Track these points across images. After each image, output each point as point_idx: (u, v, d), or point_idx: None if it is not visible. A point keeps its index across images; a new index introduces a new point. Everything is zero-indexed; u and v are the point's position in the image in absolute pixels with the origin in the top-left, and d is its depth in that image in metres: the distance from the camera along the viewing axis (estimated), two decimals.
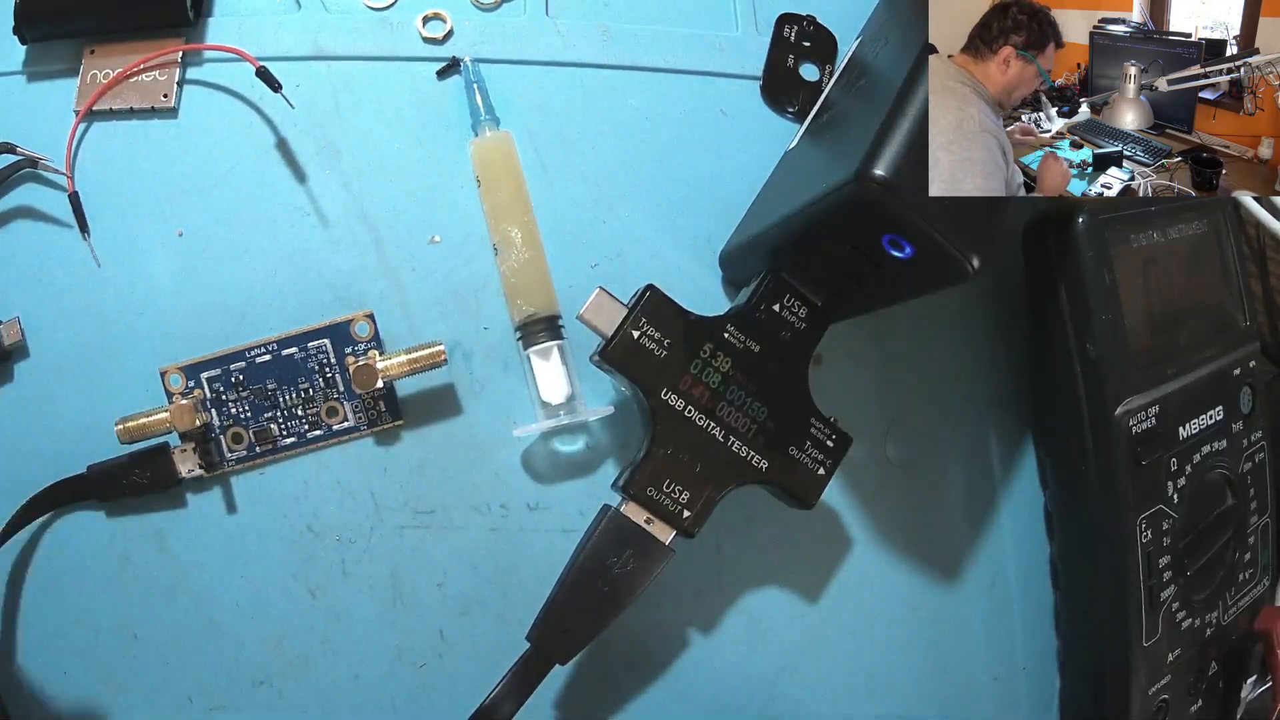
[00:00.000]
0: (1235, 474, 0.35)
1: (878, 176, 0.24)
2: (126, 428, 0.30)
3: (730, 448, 0.30)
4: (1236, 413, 0.36)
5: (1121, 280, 0.32)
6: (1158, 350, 0.33)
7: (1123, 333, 0.32)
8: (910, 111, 0.25)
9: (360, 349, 0.32)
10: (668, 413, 0.29)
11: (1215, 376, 0.35)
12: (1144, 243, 0.34)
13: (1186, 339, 0.35)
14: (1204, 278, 0.36)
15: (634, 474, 0.29)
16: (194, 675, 0.31)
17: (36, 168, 0.32)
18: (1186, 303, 0.35)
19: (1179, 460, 0.34)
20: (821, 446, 0.31)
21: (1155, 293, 0.34)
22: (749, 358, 0.30)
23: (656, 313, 0.30)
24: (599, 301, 0.29)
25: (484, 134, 0.34)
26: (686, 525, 0.29)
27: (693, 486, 0.29)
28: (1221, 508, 0.35)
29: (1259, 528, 0.37)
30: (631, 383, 0.29)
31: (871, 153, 0.24)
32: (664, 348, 0.29)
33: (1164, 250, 0.34)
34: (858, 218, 0.26)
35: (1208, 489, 0.35)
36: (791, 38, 0.37)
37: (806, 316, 0.31)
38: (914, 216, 0.24)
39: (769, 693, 0.34)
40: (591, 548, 0.29)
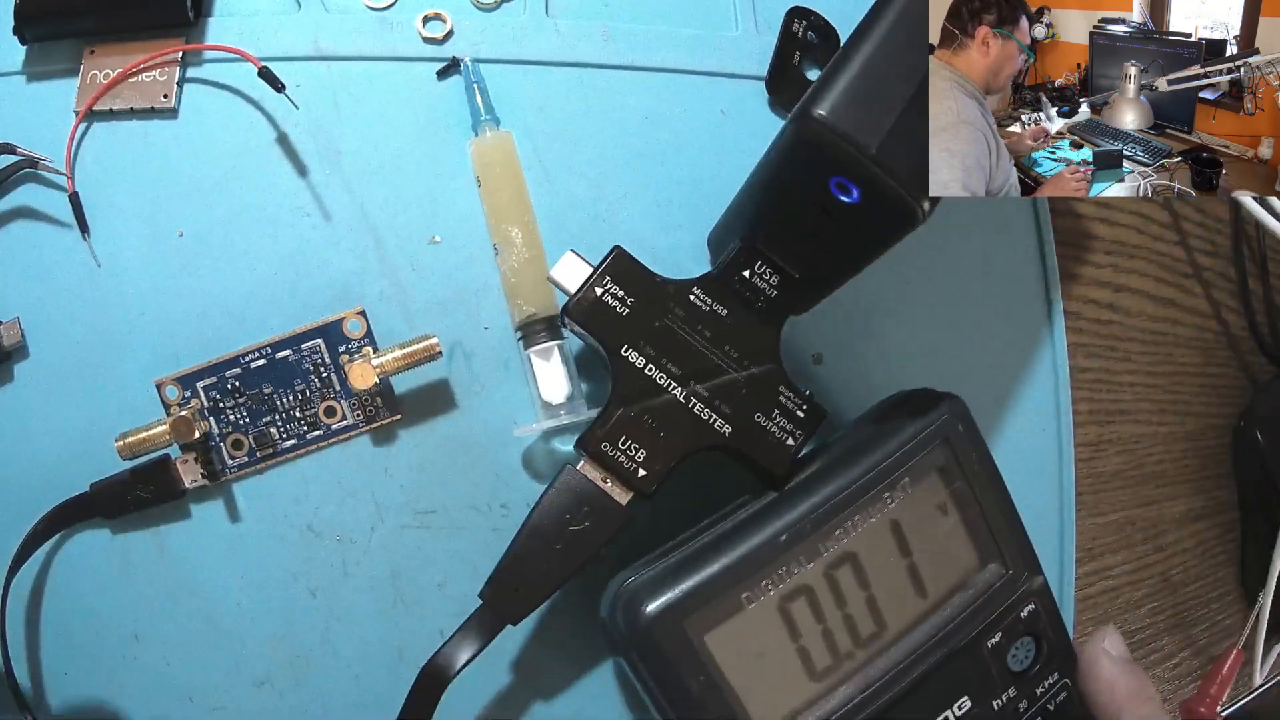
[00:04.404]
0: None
1: (818, 115, 0.24)
2: (127, 443, 0.30)
3: (692, 410, 0.30)
4: (1001, 684, 0.30)
5: (728, 662, 0.28)
6: (822, 702, 0.29)
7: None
8: (857, 56, 0.25)
9: (354, 346, 0.32)
10: (628, 371, 0.29)
11: (947, 672, 0.29)
12: (773, 589, 0.28)
13: (881, 657, 0.29)
14: (915, 557, 0.30)
15: (591, 431, 0.29)
16: (194, 675, 0.31)
17: (36, 168, 0.32)
18: (875, 612, 0.30)
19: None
20: (791, 416, 0.30)
21: (810, 633, 0.29)
22: (716, 322, 0.30)
23: (622, 272, 0.30)
24: (568, 261, 0.30)
25: (484, 134, 0.34)
26: (642, 484, 0.29)
27: (651, 447, 0.29)
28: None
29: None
30: (594, 339, 0.29)
31: (813, 95, 0.25)
32: (627, 306, 0.29)
33: (823, 568, 0.29)
34: (804, 162, 0.26)
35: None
36: (800, 33, 0.37)
37: (779, 285, 0.30)
38: (854, 153, 0.24)
39: None
40: (545, 504, 0.29)
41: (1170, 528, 0.46)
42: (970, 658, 0.30)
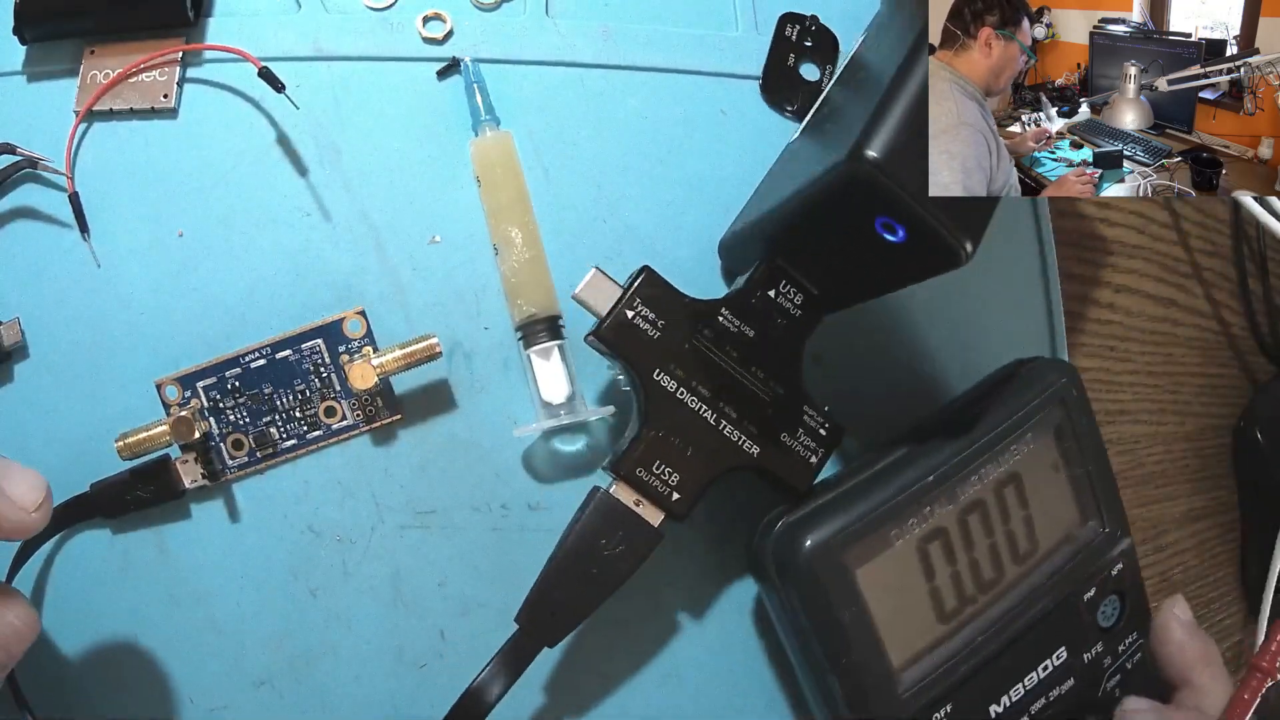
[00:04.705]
0: (1094, 701, 0.32)
1: (870, 158, 0.24)
2: (127, 443, 0.30)
3: (721, 431, 0.30)
4: (1091, 638, 0.32)
5: (874, 595, 0.29)
6: (948, 643, 0.30)
7: (877, 659, 0.29)
8: (904, 95, 0.25)
9: (354, 346, 0.32)
10: (660, 394, 0.29)
11: (1049, 621, 0.31)
12: (917, 528, 0.30)
13: (998, 602, 0.31)
14: (1031, 509, 0.32)
15: (624, 455, 0.29)
16: (195, 675, 0.31)
17: (36, 168, 0.32)
18: (997, 558, 0.32)
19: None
20: (814, 435, 0.31)
21: (942, 574, 0.31)
22: (743, 342, 0.30)
23: (652, 294, 0.30)
24: (594, 281, 0.29)
25: (484, 134, 0.34)
26: (676, 507, 0.29)
27: (683, 469, 0.29)
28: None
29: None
30: (624, 363, 0.29)
31: (865, 134, 0.24)
32: (658, 329, 0.29)
33: (957, 513, 0.31)
34: (851, 199, 0.26)
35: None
36: (793, 37, 0.37)
37: (802, 304, 0.31)
38: (906, 198, 0.24)
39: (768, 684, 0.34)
40: (580, 529, 0.29)
41: (1170, 528, 0.46)
42: (1068, 610, 0.32)
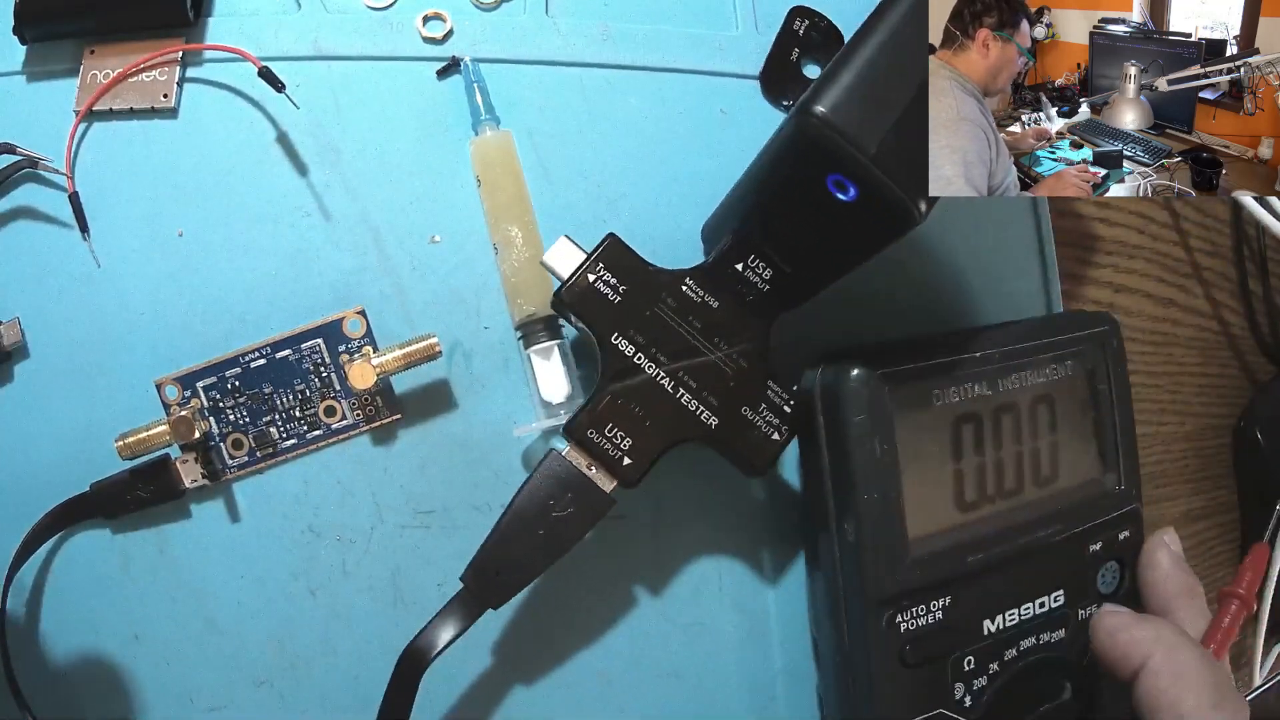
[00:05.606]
0: (1080, 664, 0.32)
1: (818, 112, 0.24)
2: (127, 443, 0.30)
3: (679, 400, 0.30)
4: (1087, 595, 0.32)
5: (905, 449, 0.29)
6: (960, 531, 0.31)
7: (895, 515, 0.29)
8: (860, 55, 0.25)
9: (354, 346, 0.32)
10: (617, 358, 0.29)
11: (1055, 555, 0.32)
12: (956, 399, 0.31)
13: (1012, 513, 0.32)
14: (1058, 435, 0.33)
15: (577, 416, 0.29)
16: (194, 675, 0.31)
17: (36, 168, 0.32)
18: (1019, 469, 0.32)
19: (978, 659, 0.30)
20: (777, 411, 0.30)
21: (969, 460, 0.31)
22: (707, 313, 0.30)
23: (615, 260, 0.30)
24: (561, 247, 0.30)
25: (484, 134, 0.34)
26: (627, 473, 0.29)
27: (637, 435, 0.29)
28: (1052, 703, 0.32)
29: None
30: (584, 325, 0.29)
31: (814, 92, 0.24)
32: (619, 294, 0.30)
33: (993, 405, 0.32)
34: (803, 157, 0.26)
35: (1028, 686, 0.31)
36: (801, 31, 0.37)
37: (771, 279, 0.30)
38: (854, 152, 0.24)
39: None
40: (529, 490, 0.29)
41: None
42: (1073, 554, 0.32)
